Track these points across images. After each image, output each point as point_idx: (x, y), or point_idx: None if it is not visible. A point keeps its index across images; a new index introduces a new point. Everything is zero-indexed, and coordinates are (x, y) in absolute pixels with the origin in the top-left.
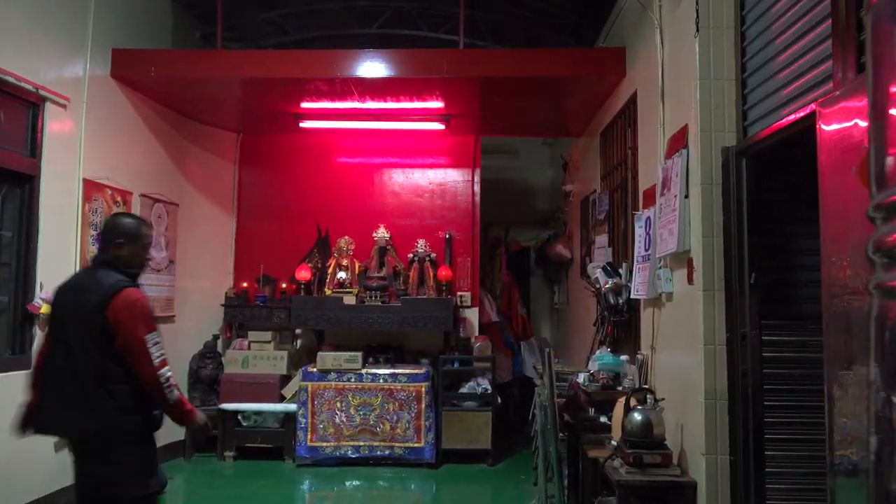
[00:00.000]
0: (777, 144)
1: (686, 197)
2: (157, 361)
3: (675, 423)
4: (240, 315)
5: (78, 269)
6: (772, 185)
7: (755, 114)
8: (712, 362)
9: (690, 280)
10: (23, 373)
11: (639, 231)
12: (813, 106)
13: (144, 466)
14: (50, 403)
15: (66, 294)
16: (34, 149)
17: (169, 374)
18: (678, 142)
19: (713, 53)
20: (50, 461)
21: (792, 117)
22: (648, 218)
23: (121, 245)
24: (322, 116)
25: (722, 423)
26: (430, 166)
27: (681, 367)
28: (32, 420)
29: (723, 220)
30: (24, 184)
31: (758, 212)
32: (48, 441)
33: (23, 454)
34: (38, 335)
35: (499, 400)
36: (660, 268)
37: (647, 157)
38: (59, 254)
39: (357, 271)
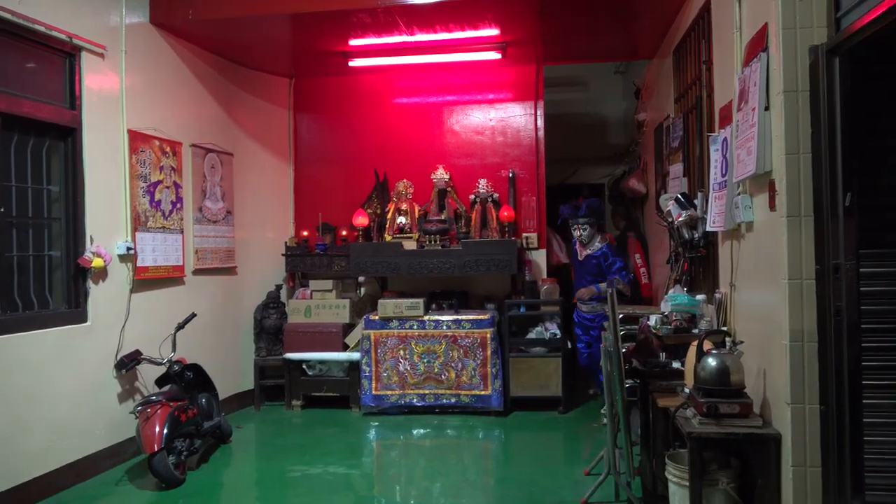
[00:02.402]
0: (879, 36)
1: (766, 109)
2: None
3: (757, 368)
4: (301, 264)
5: (129, 221)
6: (872, 89)
7: (850, 0)
8: (798, 299)
9: (772, 206)
10: (79, 326)
11: (714, 155)
12: None
13: None
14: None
15: None
16: (73, 101)
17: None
18: (757, 45)
19: None
20: (113, 413)
21: None
22: (725, 139)
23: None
24: (371, 53)
25: (811, 368)
26: (490, 102)
27: (763, 305)
28: None
29: (811, 134)
30: (66, 137)
31: (854, 122)
32: (111, 394)
33: (83, 407)
34: (92, 289)
35: (569, 345)
36: (738, 194)
37: (724, 70)
38: (108, 207)
39: (417, 215)
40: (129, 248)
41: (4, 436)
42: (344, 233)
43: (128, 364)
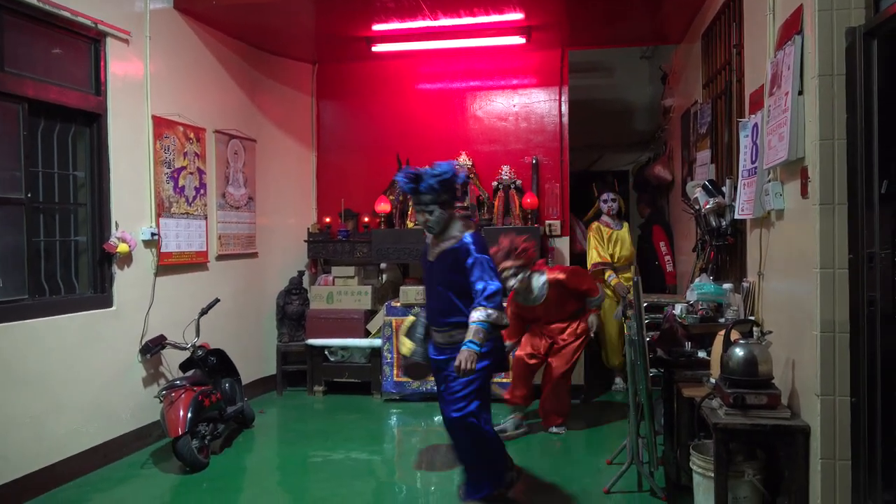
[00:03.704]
0: None
1: (800, 93)
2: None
3: (786, 359)
4: (323, 250)
5: (153, 207)
6: None
7: None
8: (830, 289)
9: (804, 193)
10: (105, 311)
11: (744, 141)
12: None
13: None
14: None
15: None
16: (99, 87)
17: None
18: (791, 28)
19: None
20: (138, 397)
21: None
22: (755, 125)
23: None
24: (394, 38)
25: (842, 360)
26: (514, 87)
27: (793, 295)
28: None
29: (846, 119)
30: (92, 123)
31: (892, 107)
32: (136, 378)
33: (109, 391)
34: (118, 274)
35: (592, 334)
36: (768, 181)
37: (755, 54)
38: (133, 192)
39: None
40: (153, 234)
41: (32, 418)
42: (366, 219)
43: (152, 349)
